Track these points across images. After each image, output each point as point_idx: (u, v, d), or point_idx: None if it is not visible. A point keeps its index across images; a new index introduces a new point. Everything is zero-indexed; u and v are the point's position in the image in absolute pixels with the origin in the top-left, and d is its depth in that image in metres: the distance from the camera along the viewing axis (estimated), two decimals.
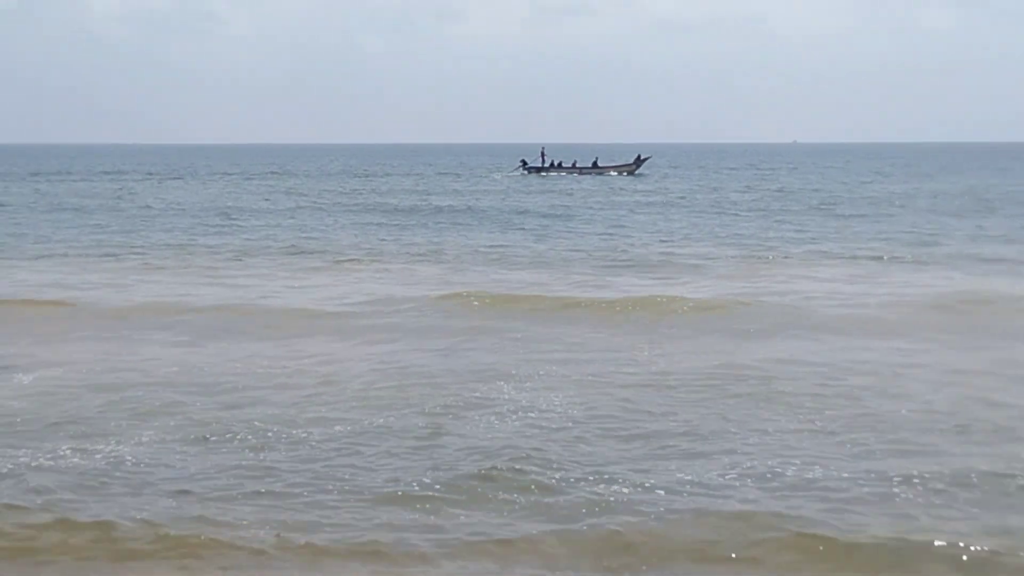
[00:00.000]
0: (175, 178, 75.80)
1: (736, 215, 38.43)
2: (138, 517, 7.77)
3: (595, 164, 73.57)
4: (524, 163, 75.40)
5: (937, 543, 7.21)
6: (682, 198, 48.71)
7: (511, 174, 75.38)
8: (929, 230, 30.79)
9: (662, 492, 8.23)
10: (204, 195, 53.62)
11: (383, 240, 29.04)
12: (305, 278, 21.12)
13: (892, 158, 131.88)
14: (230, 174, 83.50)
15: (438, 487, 8.39)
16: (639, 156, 76.37)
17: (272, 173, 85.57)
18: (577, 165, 73.43)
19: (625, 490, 8.29)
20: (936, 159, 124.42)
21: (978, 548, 7.14)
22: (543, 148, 79.70)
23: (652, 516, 7.73)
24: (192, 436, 9.79)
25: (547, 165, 74.34)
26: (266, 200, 48.82)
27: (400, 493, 8.26)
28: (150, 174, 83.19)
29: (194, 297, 18.41)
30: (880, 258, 23.69)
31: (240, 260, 24.29)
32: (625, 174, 72.12)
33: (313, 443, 9.57)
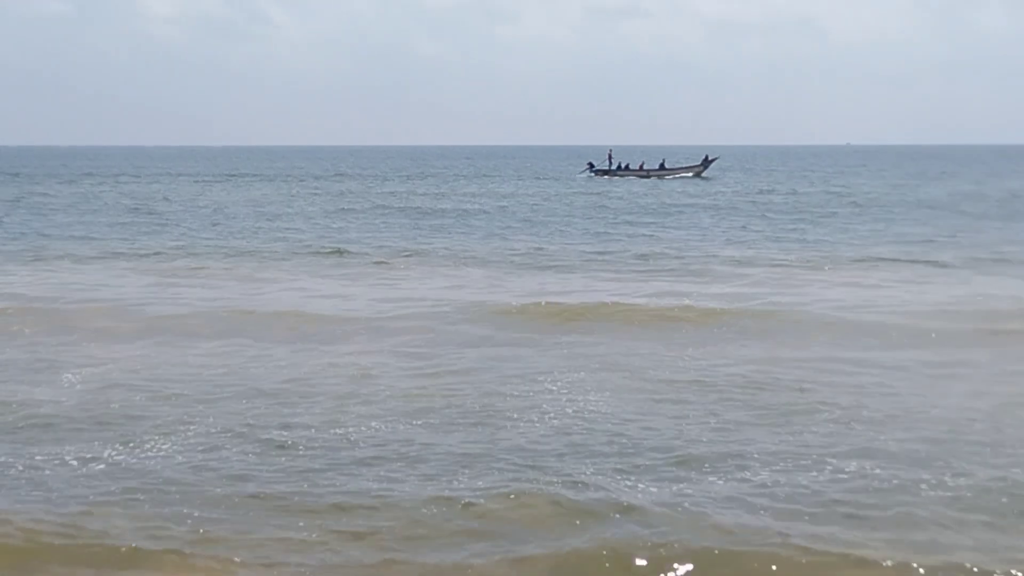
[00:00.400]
0: (223, 180, 76.49)
1: (781, 218, 38.23)
2: (183, 521, 7.90)
3: (662, 166, 72.60)
4: (591, 165, 74.40)
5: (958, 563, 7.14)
6: (730, 201, 48.41)
7: (578, 176, 74.99)
8: (977, 234, 30.54)
9: (691, 492, 8.35)
10: (251, 197, 54.09)
11: (423, 244, 29.08)
12: (344, 281, 21.21)
13: (946, 160, 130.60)
14: (281, 176, 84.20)
15: (475, 490, 8.50)
16: (707, 157, 75.42)
17: (317, 177, 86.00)
18: (644, 167, 72.36)
19: (653, 489, 8.44)
20: (991, 162, 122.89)
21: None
22: (610, 150, 78.70)
23: (683, 523, 7.76)
24: (236, 437, 9.96)
25: (614, 167, 73.27)
26: (310, 204, 49.11)
27: (437, 496, 8.36)
28: (199, 176, 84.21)
29: (238, 300, 18.63)
30: (928, 263, 23.55)
31: (282, 263, 24.48)
32: (692, 175, 71.39)
33: (355, 445, 9.73)
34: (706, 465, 9.01)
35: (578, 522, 7.82)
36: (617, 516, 7.85)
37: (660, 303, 17.57)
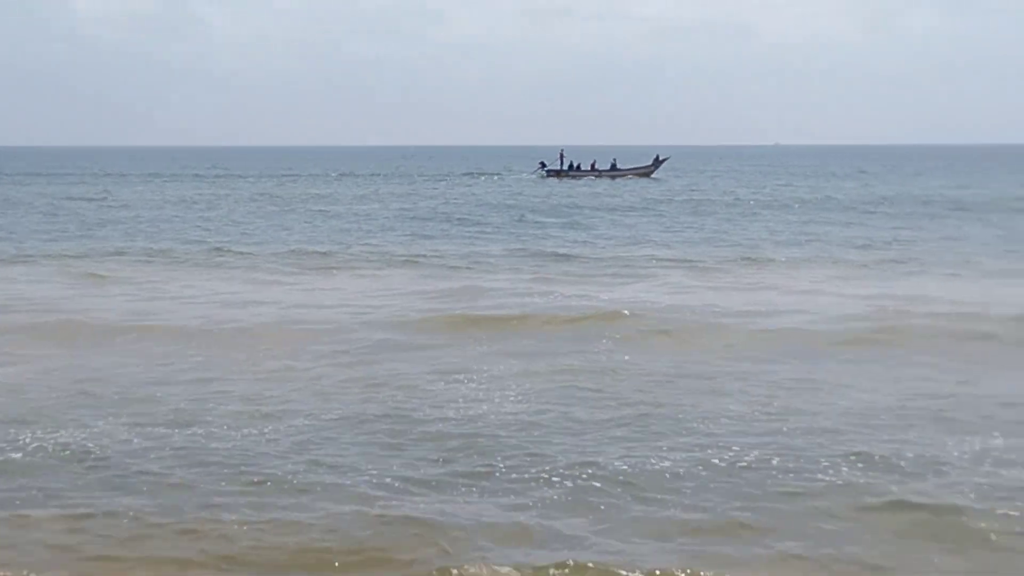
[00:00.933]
0: (148, 180, 75.65)
1: (705, 220, 38.47)
2: (105, 510, 8.05)
3: (613, 166, 72.40)
4: (543, 165, 73.91)
5: None
6: (661, 202, 48.35)
7: (529, 176, 74.92)
8: (891, 235, 31.20)
9: (598, 484, 8.68)
10: (175, 197, 53.58)
11: (351, 246, 28.94)
12: (251, 285, 21.13)
13: (872, 160, 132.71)
14: (211, 176, 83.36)
15: (392, 477, 8.78)
16: (657, 157, 75.58)
17: (237, 175, 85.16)
18: (596, 167, 72.22)
19: (567, 472, 8.89)
20: (916, 162, 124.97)
21: None
22: (562, 150, 78.37)
23: (563, 537, 7.88)
24: (145, 448, 9.95)
25: (566, 167, 72.97)
26: (234, 204, 48.73)
27: (355, 483, 8.63)
28: (126, 175, 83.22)
29: (150, 303, 18.52)
30: (840, 263, 24.10)
31: (194, 265, 24.40)
32: (642, 176, 71.50)
33: (272, 438, 9.97)
34: (607, 472, 9.07)
35: (500, 503, 8.13)
36: (531, 497, 8.10)
37: (575, 304, 17.67)
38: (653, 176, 72.31)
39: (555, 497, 8.45)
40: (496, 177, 77.36)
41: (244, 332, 15.50)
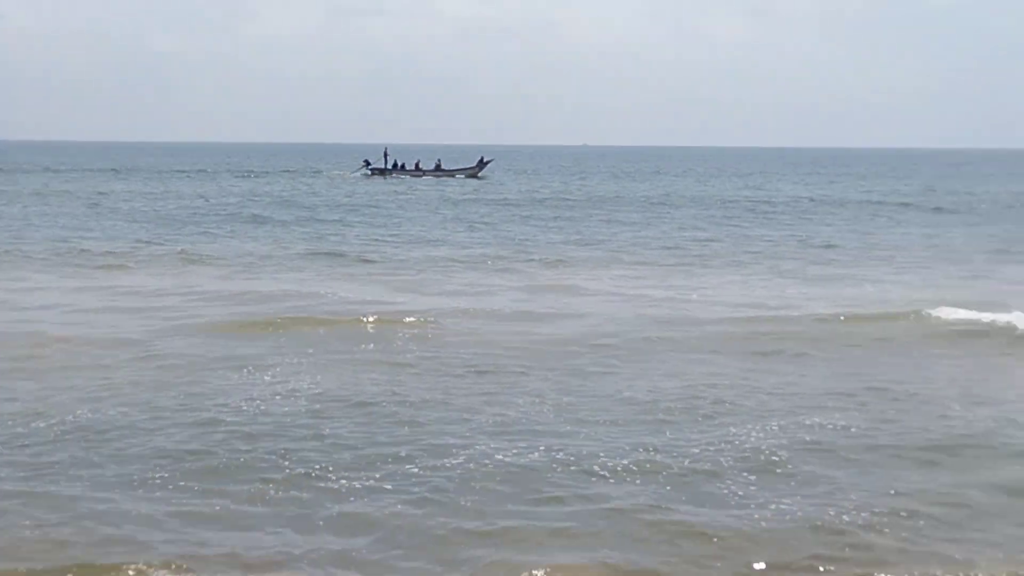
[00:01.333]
0: None
1: (499, 218, 38.73)
2: None
3: (438, 166, 71.99)
4: (367, 163, 73.29)
5: None
6: (463, 201, 48.25)
7: (353, 174, 73.88)
8: (689, 235, 32.03)
9: (388, 487, 8.61)
10: None
11: (142, 244, 27.84)
12: (52, 284, 20.13)
13: (674, 162, 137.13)
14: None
15: (180, 475, 8.72)
16: (482, 159, 75.80)
17: (22, 171, 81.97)
18: (420, 167, 71.66)
19: (352, 475, 8.87)
20: (713, 163, 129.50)
21: None
22: (386, 148, 77.77)
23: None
24: None
25: (390, 166, 72.27)
26: (15, 197, 46.97)
27: (137, 479, 8.59)
28: None
29: None
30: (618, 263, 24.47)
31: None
32: (467, 176, 71.47)
33: (50, 440, 9.71)
34: (393, 477, 8.90)
35: (294, 500, 8.21)
36: (283, 557, 7.56)
37: (370, 303, 17.40)
38: (480, 176, 72.55)
39: (336, 510, 8.17)
40: (305, 175, 76.26)
41: (27, 333, 14.78)
